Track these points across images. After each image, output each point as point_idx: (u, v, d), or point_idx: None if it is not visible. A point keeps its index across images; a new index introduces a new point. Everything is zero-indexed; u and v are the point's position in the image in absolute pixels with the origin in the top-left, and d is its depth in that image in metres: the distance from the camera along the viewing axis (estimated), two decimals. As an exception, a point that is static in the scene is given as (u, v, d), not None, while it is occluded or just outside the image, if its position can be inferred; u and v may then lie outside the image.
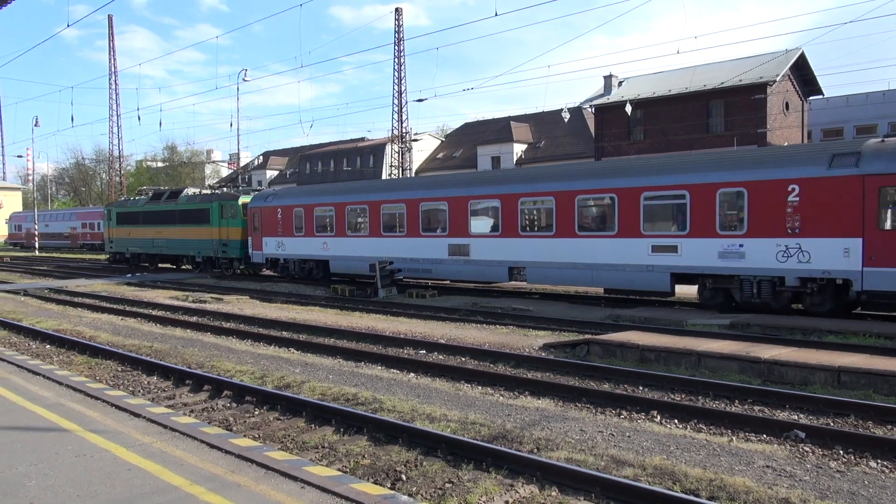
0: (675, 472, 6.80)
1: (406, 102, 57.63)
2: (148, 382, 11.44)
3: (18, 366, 11.07)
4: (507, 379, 11.05)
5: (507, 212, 20.62)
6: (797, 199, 15.35)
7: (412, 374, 11.73)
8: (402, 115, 57.60)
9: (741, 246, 16.14)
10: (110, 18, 69.13)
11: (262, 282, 29.16)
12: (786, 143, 33.81)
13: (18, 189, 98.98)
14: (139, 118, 64.04)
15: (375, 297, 22.75)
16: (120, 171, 69.04)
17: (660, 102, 42.57)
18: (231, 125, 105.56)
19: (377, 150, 68.05)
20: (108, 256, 41.79)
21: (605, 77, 47.01)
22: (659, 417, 9.06)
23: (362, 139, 77.65)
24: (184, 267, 36.50)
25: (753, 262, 15.95)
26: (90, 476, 5.87)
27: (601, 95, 46.52)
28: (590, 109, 48.23)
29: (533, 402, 9.83)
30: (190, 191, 36.47)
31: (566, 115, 41.68)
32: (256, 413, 9.48)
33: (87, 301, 23.77)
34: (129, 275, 33.69)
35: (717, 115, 40.88)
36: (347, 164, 69.94)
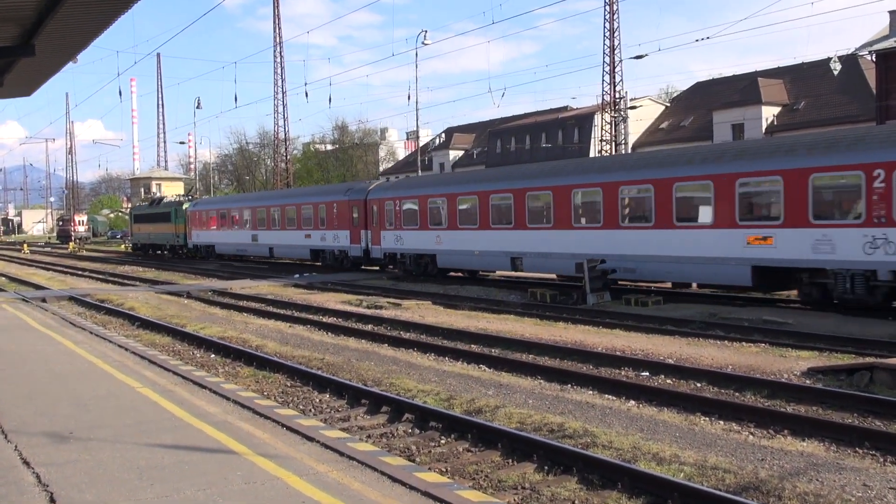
0: None
1: (620, 60, 56.64)
2: (320, 400, 12.20)
3: (184, 377, 12.24)
4: (757, 412, 10.59)
5: (261, 217, 44.46)
6: (336, 210, 37.01)
7: (632, 402, 11.56)
8: (614, 77, 56.68)
9: (324, 237, 38.37)
10: (275, -19, 74.27)
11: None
12: None
13: (180, 179, 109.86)
14: (306, 94, 69.02)
15: (583, 305, 22.64)
16: (286, 156, 73.99)
17: (973, 42, 38.44)
18: (409, 98, 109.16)
19: (584, 121, 67.63)
20: (130, 247, 70.05)
21: (890, 13, 43.29)
22: (979, 474, 8.19)
23: (565, 108, 77.51)
24: (159, 252, 61.59)
25: (328, 244, 37.91)
26: (261, 506, 6.34)
27: (886, 37, 42.89)
28: (869, 57, 44.66)
29: (795, 443, 9.31)
30: (166, 199, 64.05)
31: (836, 67, 38.99)
32: (443, 442, 9.78)
33: (253, 305, 25.81)
34: (297, 275, 36.24)
35: None
36: (546, 139, 70.19)
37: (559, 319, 20.19)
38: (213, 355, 16.47)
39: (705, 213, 21.03)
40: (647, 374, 13.54)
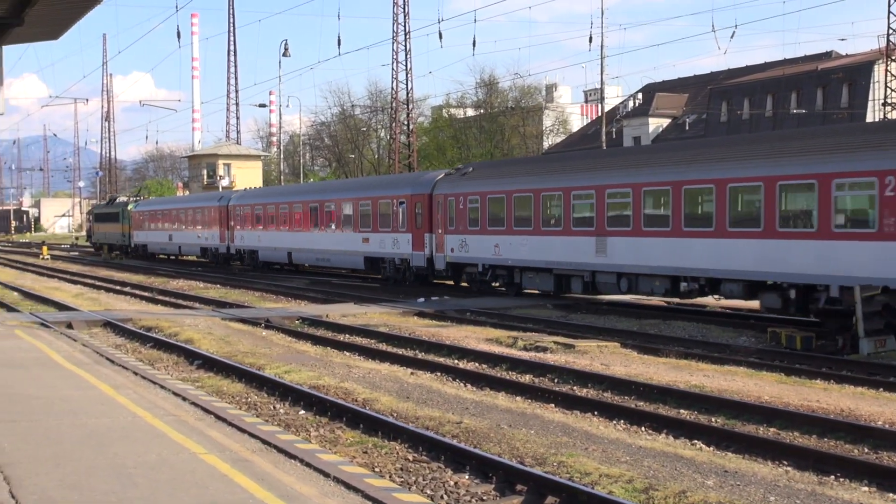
0: None
1: (916, -20, 54.72)
2: (456, 483, 12.29)
3: (264, 441, 12.59)
4: None
5: (173, 219, 76.63)
6: (211, 214, 68.02)
7: (932, 507, 11.18)
8: (907, 7, 54.84)
9: (207, 236, 69.35)
10: None
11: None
12: None
13: (258, 157, 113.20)
14: (440, 35, 68.59)
15: (854, 354, 22.06)
16: (408, 126, 74.72)
17: None
18: (590, 41, 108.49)
19: (857, 74, 65.80)
20: (92, 246, 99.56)
21: None
22: None
23: (828, 55, 75.66)
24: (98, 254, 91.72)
25: (210, 242, 69.12)
26: None
27: None
28: None
29: None
30: (120, 198, 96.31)
31: None
32: (639, 554, 9.71)
33: (359, 340, 26.40)
34: (422, 299, 36.73)
35: None
36: (798, 101, 68.63)
37: (816, 375, 19.79)
38: (302, 411, 16.88)
39: (351, 222, 47.41)
40: (957, 464, 13.14)
